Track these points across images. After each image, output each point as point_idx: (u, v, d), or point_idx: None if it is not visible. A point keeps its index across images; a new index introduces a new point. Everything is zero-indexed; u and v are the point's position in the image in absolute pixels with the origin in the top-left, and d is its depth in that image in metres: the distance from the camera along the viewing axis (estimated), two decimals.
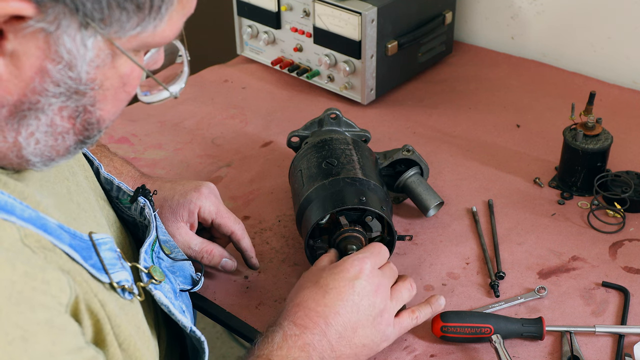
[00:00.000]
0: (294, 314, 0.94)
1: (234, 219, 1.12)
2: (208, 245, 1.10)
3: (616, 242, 1.21)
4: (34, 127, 0.69)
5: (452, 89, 1.62)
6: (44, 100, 0.68)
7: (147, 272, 0.84)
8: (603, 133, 1.27)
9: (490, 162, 1.39)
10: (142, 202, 0.95)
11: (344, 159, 1.18)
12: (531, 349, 1.03)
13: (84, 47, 0.66)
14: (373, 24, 1.46)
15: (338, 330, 0.93)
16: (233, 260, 1.13)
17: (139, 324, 0.80)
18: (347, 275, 0.96)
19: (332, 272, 0.96)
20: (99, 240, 0.76)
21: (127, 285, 0.78)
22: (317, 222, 1.09)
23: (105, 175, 0.97)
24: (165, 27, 0.70)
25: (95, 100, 0.70)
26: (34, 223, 0.68)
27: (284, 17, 1.58)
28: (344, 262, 0.98)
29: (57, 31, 0.64)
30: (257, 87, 1.65)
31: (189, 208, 1.08)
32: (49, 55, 0.65)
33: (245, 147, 1.46)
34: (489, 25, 1.74)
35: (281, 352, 0.90)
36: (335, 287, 0.95)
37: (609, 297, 1.11)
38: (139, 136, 1.49)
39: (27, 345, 0.62)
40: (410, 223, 1.25)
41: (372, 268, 0.98)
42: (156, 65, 0.79)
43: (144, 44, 0.70)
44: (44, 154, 0.71)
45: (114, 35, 0.67)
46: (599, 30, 1.60)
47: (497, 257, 1.18)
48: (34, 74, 0.66)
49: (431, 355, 1.04)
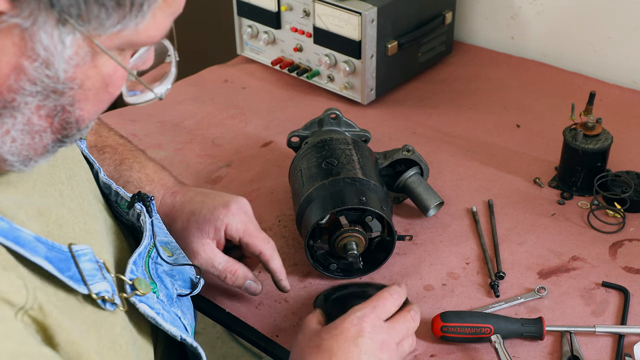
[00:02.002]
0: None
1: (263, 237, 1.06)
2: (233, 265, 1.05)
3: (616, 242, 1.21)
4: (9, 125, 0.67)
5: (452, 89, 1.62)
6: (20, 99, 0.66)
7: (131, 284, 0.82)
8: (603, 133, 1.27)
9: (490, 162, 1.39)
10: (138, 209, 0.93)
11: (344, 159, 1.18)
12: (531, 349, 1.03)
13: (61, 44, 0.64)
14: (373, 24, 1.46)
15: None
16: (258, 283, 1.08)
17: (114, 339, 0.78)
18: (348, 335, 0.91)
19: (333, 334, 0.91)
20: (78, 251, 0.75)
21: (107, 296, 0.77)
22: (317, 222, 1.09)
23: (103, 179, 0.96)
24: (150, 26, 0.68)
25: (75, 100, 0.69)
26: (4, 235, 0.67)
27: (284, 17, 1.58)
28: (343, 321, 0.92)
29: (32, 27, 0.63)
30: (257, 87, 1.65)
31: (215, 225, 1.03)
32: (25, 52, 0.64)
33: (245, 147, 1.46)
34: (489, 25, 1.74)
35: None
36: (340, 349, 0.90)
37: (609, 297, 1.11)
38: (139, 136, 1.49)
39: None
40: (410, 223, 1.25)
41: (373, 324, 0.93)
42: (145, 66, 0.77)
43: (128, 43, 0.68)
44: (21, 153, 0.69)
45: (93, 32, 0.65)
46: (599, 30, 1.60)
47: (497, 257, 1.18)
48: (10, 71, 0.64)
49: (431, 355, 1.04)
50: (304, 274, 1.16)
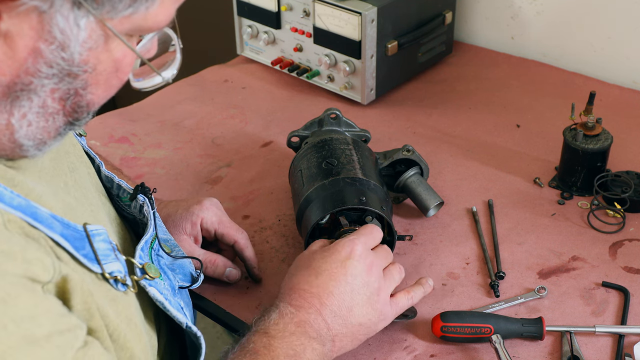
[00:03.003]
0: (288, 295, 0.95)
1: (236, 228, 1.13)
2: (211, 255, 1.11)
3: (616, 242, 1.21)
4: (26, 109, 0.69)
5: (452, 89, 1.62)
6: (37, 82, 0.67)
7: (141, 268, 0.84)
8: (603, 133, 1.27)
9: (490, 162, 1.39)
10: (141, 200, 0.95)
11: (344, 159, 1.18)
12: (531, 349, 1.03)
13: (77, 27, 0.66)
14: (373, 24, 1.46)
15: (333, 309, 0.94)
16: (237, 269, 1.13)
17: (130, 316, 0.80)
18: (338, 257, 0.97)
19: (324, 255, 0.98)
20: (93, 231, 0.76)
21: (119, 277, 0.78)
22: (317, 222, 1.09)
23: (105, 173, 0.98)
24: (158, 11, 0.69)
25: (87, 84, 0.70)
26: (22, 210, 0.68)
27: (284, 17, 1.58)
28: (336, 244, 0.99)
29: (50, 10, 0.64)
30: (257, 87, 1.65)
31: (191, 220, 1.10)
32: (42, 35, 0.65)
33: (245, 147, 1.46)
34: (489, 25, 1.74)
35: (278, 326, 0.91)
36: (327, 269, 0.96)
37: (609, 297, 1.11)
38: (139, 136, 1.49)
39: (7, 307, 0.62)
40: (410, 223, 1.25)
41: (364, 248, 0.99)
42: (149, 54, 0.79)
43: (136, 28, 0.70)
44: (36, 137, 0.71)
45: (106, 15, 0.67)
46: (599, 30, 1.60)
47: (497, 257, 1.18)
48: (28, 55, 0.66)
49: (431, 355, 1.04)
50: None
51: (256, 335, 0.91)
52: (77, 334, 0.69)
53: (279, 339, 0.90)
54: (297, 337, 0.91)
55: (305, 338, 0.91)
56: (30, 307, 0.65)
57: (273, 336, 0.90)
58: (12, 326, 0.62)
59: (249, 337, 0.91)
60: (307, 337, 0.92)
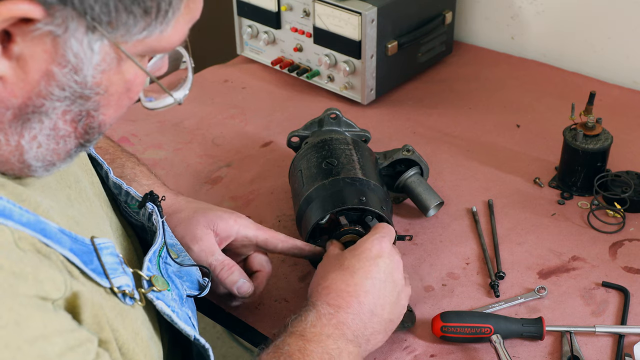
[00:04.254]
0: (325, 294, 0.95)
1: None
2: (231, 261, 1.05)
3: (616, 242, 1.21)
4: (37, 131, 0.69)
5: (452, 89, 1.62)
6: (49, 104, 0.67)
7: (148, 280, 0.83)
8: (603, 133, 1.27)
9: (490, 162, 1.39)
10: (150, 208, 0.94)
11: (344, 159, 1.18)
12: (531, 349, 1.03)
13: (90, 50, 0.66)
14: (373, 24, 1.46)
15: (370, 308, 0.95)
16: (251, 283, 1.06)
17: (137, 330, 0.80)
18: (369, 255, 0.98)
19: (355, 254, 0.98)
20: (100, 244, 0.76)
21: (127, 290, 0.78)
22: (317, 222, 1.09)
23: (114, 179, 0.97)
24: (171, 33, 0.70)
25: (99, 105, 0.70)
26: (32, 227, 0.68)
27: (284, 17, 1.58)
28: (364, 242, 1.00)
29: (64, 34, 0.64)
30: (257, 87, 1.65)
31: (227, 222, 1.05)
32: (55, 58, 0.65)
33: (245, 147, 1.46)
34: (489, 25, 1.74)
35: (315, 329, 0.91)
36: (361, 268, 0.97)
37: (609, 297, 1.11)
38: (139, 136, 1.49)
39: (20, 329, 0.62)
40: (410, 223, 1.25)
41: (391, 246, 1.00)
42: (159, 72, 0.79)
43: (149, 49, 0.70)
44: (46, 159, 0.71)
45: (120, 39, 0.67)
46: (599, 30, 1.60)
47: (497, 257, 1.18)
48: (40, 78, 0.66)
49: (431, 355, 1.04)
50: (304, 274, 1.17)
51: (292, 337, 0.90)
52: (89, 347, 0.69)
53: (315, 343, 0.90)
54: (333, 340, 0.91)
55: (342, 341, 0.92)
56: (42, 326, 0.64)
57: (309, 340, 0.90)
58: (26, 347, 0.62)
59: (285, 338, 0.90)
60: (344, 339, 0.92)
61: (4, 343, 0.61)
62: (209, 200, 1.31)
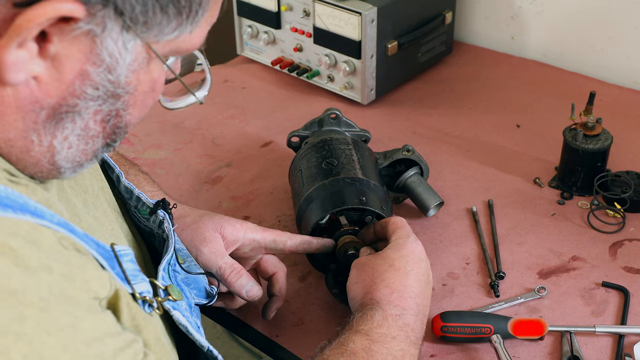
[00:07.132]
0: (388, 294, 0.95)
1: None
2: (239, 265, 1.04)
3: (616, 242, 1.21)
4: (69, 131, 0.69)
5: (452, 89, 1.62)
6: (82, 104, 0.67)
7: (164, 289, 0.83)
8: (603, 133, 1.27)
9: (490, 162, 1.39)
10: (161, 216, 0.94)
11: (344, 159, 1.18)
12: (531, 349, 1.03)
13: (125, 50, 0.66)
14: (373, 24, 1.46)
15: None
16: (260, 287, 1.04)
17: (158, 335, 0.79)
18: (415, 257, 0.99)
19: (401, 255, 0.99)
20: (120, 251, 0.76)
21: (148, 297, 0.77)
22: (317, 222, 1.09)
23: (125, 183, 0.96)
24: (197, 34, 0.70)
25: (128, 105, 0.71)
26: (65, 227, 0.68)
27: (284, 17, 1.58)
28: (406, 244, 1.00)
29: (102, 34, 0.64)
30: (257, 87, 1.65)
31: (234, 227, 1.04)
32: (90, 58, 0.65)
33: (245, 147, 1.46)
34: (489, 25, 1.74)
35: (381, 329, 0.91)
36: (412, 269, 0.98)
37: (609, 297, 1.11)
38: (139, 136, 1.49)
39: (76, 331, 0.62)
40: (410, 223, 1.24)
41: (423, 249, 1.02)
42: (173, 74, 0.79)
43: (175, 49, 0.70)
44: (75, 160, 0.71)
45: (152, 39, 0.67)
46: (599, 30, 1.60)
47: (497, 257, 1.18)
48: (75, 77, 0.66)
49: (431, 355, 1.04)
50: (304, 274, 1.17)
51: (357, 335, 0.90)
52: (136, 348, 0.69)
53: (380, 344, 0.90)
54: (397, 342, 0.91)
55: (406, 343, 0.92)
56: (95, 327, 0.64)
57: (374, 340, 0.90)
58: (84, 349, 0.62)
59: (350, 335, 0.91)
60: (408, 342, 0.92)
61: (63, 346, 0.61)
62: (209, 200, 1.31)
